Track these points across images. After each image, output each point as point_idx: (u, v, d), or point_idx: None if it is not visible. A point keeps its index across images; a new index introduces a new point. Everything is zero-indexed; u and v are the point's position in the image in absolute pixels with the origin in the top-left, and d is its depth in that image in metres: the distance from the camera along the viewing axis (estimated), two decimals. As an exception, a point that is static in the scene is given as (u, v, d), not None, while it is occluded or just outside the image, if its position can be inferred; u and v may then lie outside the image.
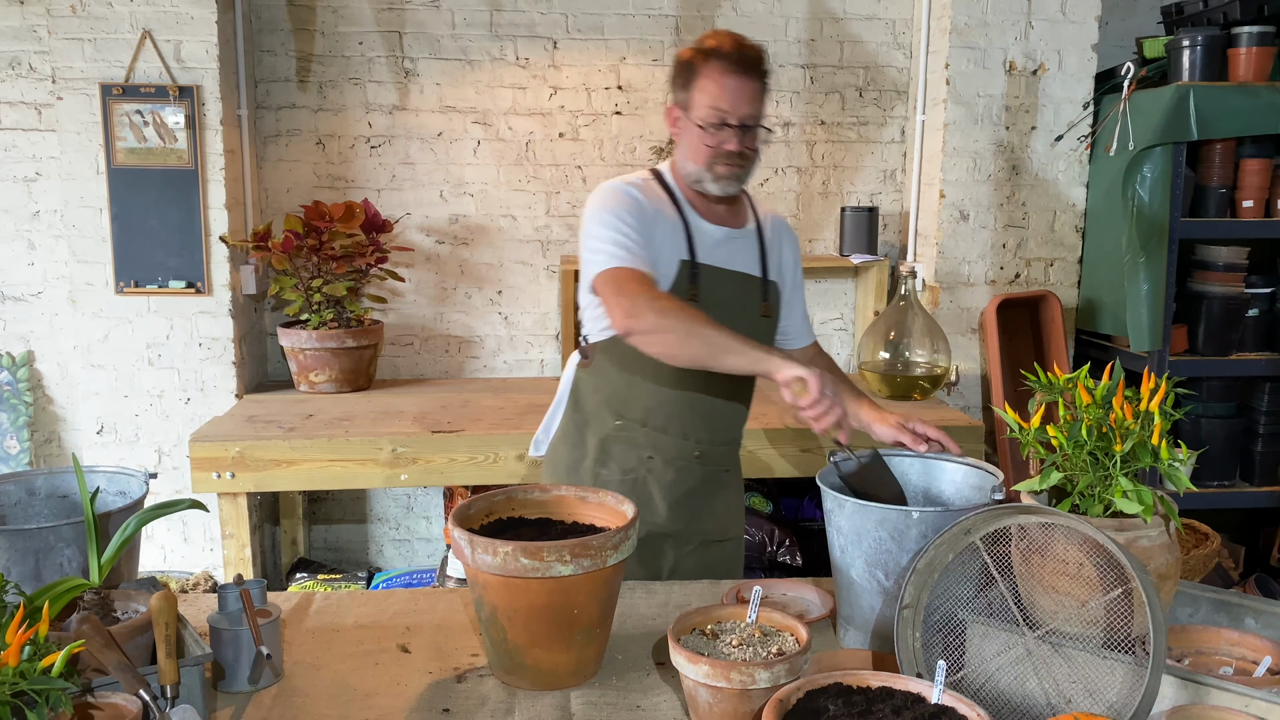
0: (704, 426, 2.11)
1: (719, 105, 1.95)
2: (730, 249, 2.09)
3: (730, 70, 1.95)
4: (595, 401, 2.13)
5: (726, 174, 2.00)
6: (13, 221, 3.63)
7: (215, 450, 3.06)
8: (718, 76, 1.95)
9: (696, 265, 2.02)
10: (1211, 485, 3.50)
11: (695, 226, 2.05)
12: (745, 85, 1.96)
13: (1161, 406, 1.48)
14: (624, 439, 2.10)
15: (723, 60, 1.96)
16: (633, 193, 2.01)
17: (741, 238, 2.11)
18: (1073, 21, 3.58)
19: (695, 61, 1.98)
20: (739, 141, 1.97)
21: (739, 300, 2.08)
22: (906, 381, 3.53)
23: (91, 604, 1.51)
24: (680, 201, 2.06)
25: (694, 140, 1.99)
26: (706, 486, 2.15)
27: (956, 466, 1.85)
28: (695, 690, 1.42)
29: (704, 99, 1.96)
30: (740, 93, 1.96)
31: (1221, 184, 3.37)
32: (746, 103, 1.96)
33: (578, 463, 2.14)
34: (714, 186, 2.02)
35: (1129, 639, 1.37)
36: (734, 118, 1.96)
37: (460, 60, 3.75)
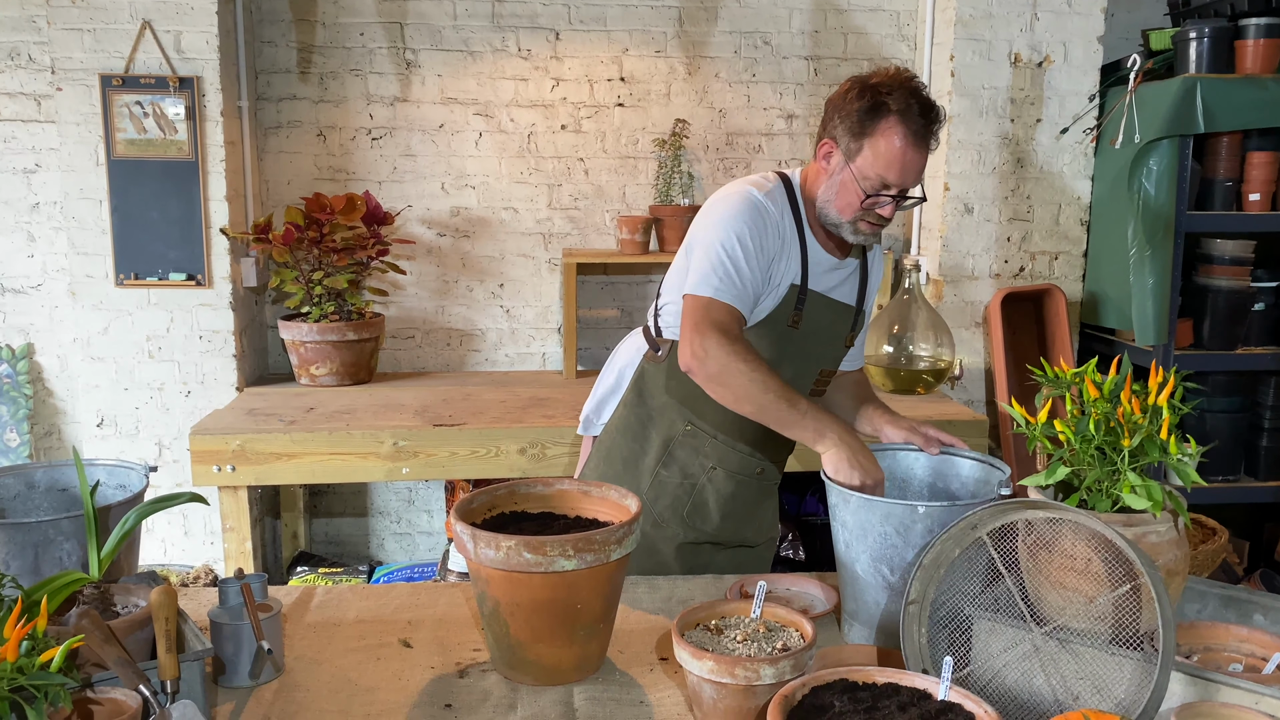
0: (772, 445, 2.07)
1: (888, 176, 1.84)
2: (837, 278, 2.03)
3: (913, 141, 1.82)
4: (664, 400, 2.07)
5: (869, 231, 1.92)
6: (12, 213, 3.62)
7: (216, 443, 3.05)
8: (898, 144, 1.81)
9: (805, 291, 1.97)
10: (1216, 480, 3.48)
11: (812, 251, 1.98)
12: (922, 159, 1.85)
13: (1170, 400, 1.47)
14: (691, 445, 2.06)
15: (908, 126, 1.81)
16: (767, 208, 1.92)
17: (847, 267, 2.05)
18: (1078, 13, 3.56)
19: (877, 113, 1.82)
20: (893, 207, 1.89)
21: (833, 330, 2.05)
22: (910, 375, 3.52)
23: (91, 598, 1.50)
24: (804, 221, 1.98)
25: (847, 193, 1.88)
26: (758, 498, 2.14)
27: (963, 461, 1.84)
28: (699, 686, 1.41)
29: (876, 162, 1.83)
30: (915, 167, 1.85)
31: (1228, 177, 3.35)
32: (915, 175, 1.87)
33: (637, 457, 2.09)
34: (851, 237, 1.94)
35: (1137, 635, 1.36)
36: (897, 189, 1.86)
37: (462, 51, 3.73)
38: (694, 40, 3.80)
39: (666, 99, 3.83)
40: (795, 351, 2.00)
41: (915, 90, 1.84)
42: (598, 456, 2.17)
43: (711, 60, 3.82)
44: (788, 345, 1.98)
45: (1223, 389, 3.51)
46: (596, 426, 2.22)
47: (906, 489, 1.87)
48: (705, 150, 3.87)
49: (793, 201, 1.98)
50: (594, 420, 2.22)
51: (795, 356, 2.00)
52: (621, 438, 2.13)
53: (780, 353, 1.95)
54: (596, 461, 2.17)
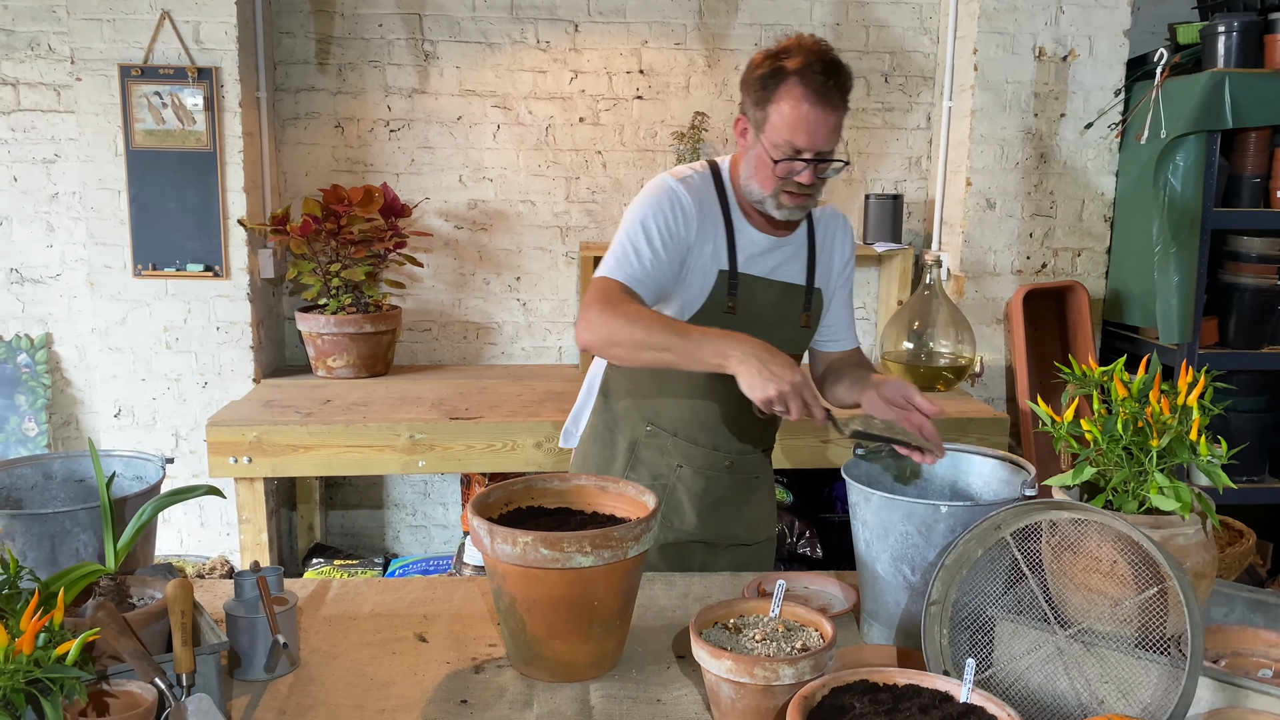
0: (735, 438, 2.05)
1: (794, 140, 1.80)
2: (777, 258, 1.99)
3: (813, 99, 1.78)
4: (626, 403, 2.07)
5: (791, 204, 1.88)
6: (31, 203, 3.63)
7: (232, 435, 3.05)
8: (798, 105, 1.78)
9: (736, 275, 1.94)
10: (1240, 480, 3.44)
11: (740, 233, 1.95)
12: (828, 118, 1.80)
13: (1200, 401, 1.44)
14: (654, 445, 2.05)
15: (807, 86, 1.78)
16: (680, 194, 1.90)
17: (790, 244, 2.00)
18: (1104, 6, 3.51)
19: (776, 78, 1.80)
20: (813, 175, 1.84)
21: (779, 311, 2.00)
22: (930, 372, 3.48)
23: (107, 590, 1.49)
24: (730, 205, 1.95)
25: (763, 165, 1.85)
26: (737, 494, 2.10)
27: (985, 460, 1.81)
28: (717, 685, 1.39)
29: (780, 126, 1.80)
30: (821, 127, 1.80)
31: (1256, 173, 3.30)
32: (825, 136, 1.81)
33: (608, 463, 2.09)
34: (776, 213, 1.90)
35: (1164, 639, 1.34)
36: (810, 152, 1.82)
37: (480, 43, 3.72)
38: (714, 32, 3.77)
39: (686, 92, 3.80)
40: None
41: (815, 50, 1.81)
42: (575, 466, 2.18)
43: (731, 53, 3.79)
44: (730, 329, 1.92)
45: (1248, 388, 3.46)
46: (575, 438, 2.22)
47: (928, 488, 1.85)
48: (724, 144, 3.84)
49: (719, 187, 1.96)
50: (573, 432, 2.22)
51: None
52: (593, 445, 2.13)
53: None
54: (575, 470, 2.16)
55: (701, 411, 2.02)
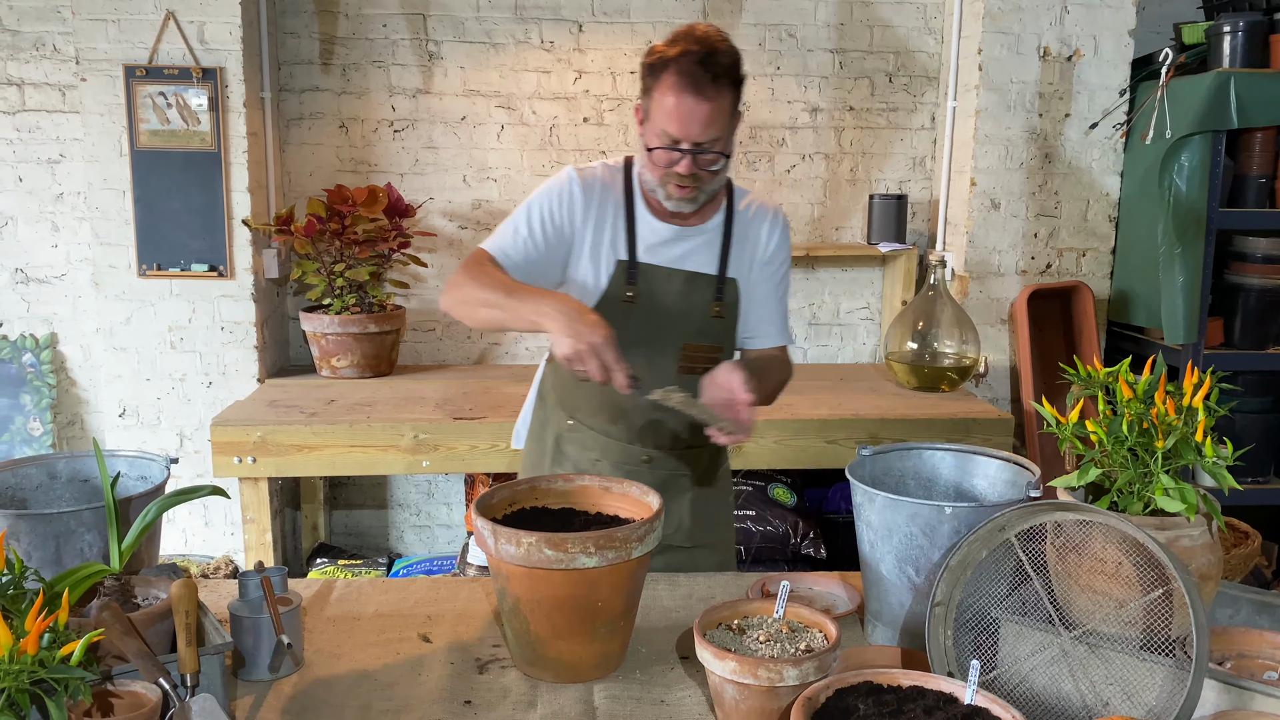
0: (652, 432, 2.02)
1: (669, 130, 1.79)
2: (683, 247, 1.97)
3: (686, 89, 1.75)
4: (554, 398, 2.10)
5: (679, 195, 1.87)
6: (36, 203, 3.64)
7: (237, 435, 3.06)
8: (673, 95, 1.76)
9: (635, 265, 1.93)
10: (1246, 481, 3.43)
11: (642, 223, 1.95)
12: (701, 108, 1.76)
13: (1206, 402, 1.43)
14: (575, 439, 2.06)
15: (681, 74, 1.76)
16: (575, 183, 1.93)
17: (699, 234, 1.97)
18: (1109, 6, 3.51)
19: (658, 68, 1.80)
20: (691, 165, 1.81)
21: (685, 300, 1.97)
22: (934, 372, 3.48)
23: (112, 590, 1.50)
24: (635, 196, 1.96)
25: (648, 155, 1.85)
26: (668, 492, 2.02)
27: (990, 461, 1.81)
28: (721, 686, 1.39)
29: (660, 117, 1.80)
30: (694, 116, 1.77)
31: (1261, 173, 3.29)
32: (701, 126, 1.78)
33: (540, 459, 2.11)
34: (669, 203, 1.90)
35: (1169, 641, 1.33)
36: (686, 143, 1.79)
37: (485, 43, 3.72)
38: (718, 33, 3.76)
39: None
40: (642, 328, 1.93)
41: (696, 37, 1.79)
42: (521, 465, 2.20)
43: (735, 53, 3.78)
44: (630, 321, 1.89)
45: (1253, 389, 3.46)
46: (522, 439, 2.23)
47: (932, 489, 1.84)
48: (728, 144, 3.84)
49: (628, 178, 1.97)
50: (521, 433, 2.23)
51: (644, 334, 1.93)
52: (532, 443, 2.15)
53: (625, 332, 1.81)
54: (522, 470, 2.19)
55: (614, 403, 1.99)
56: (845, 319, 4.01)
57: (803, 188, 3.90)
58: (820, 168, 3.89)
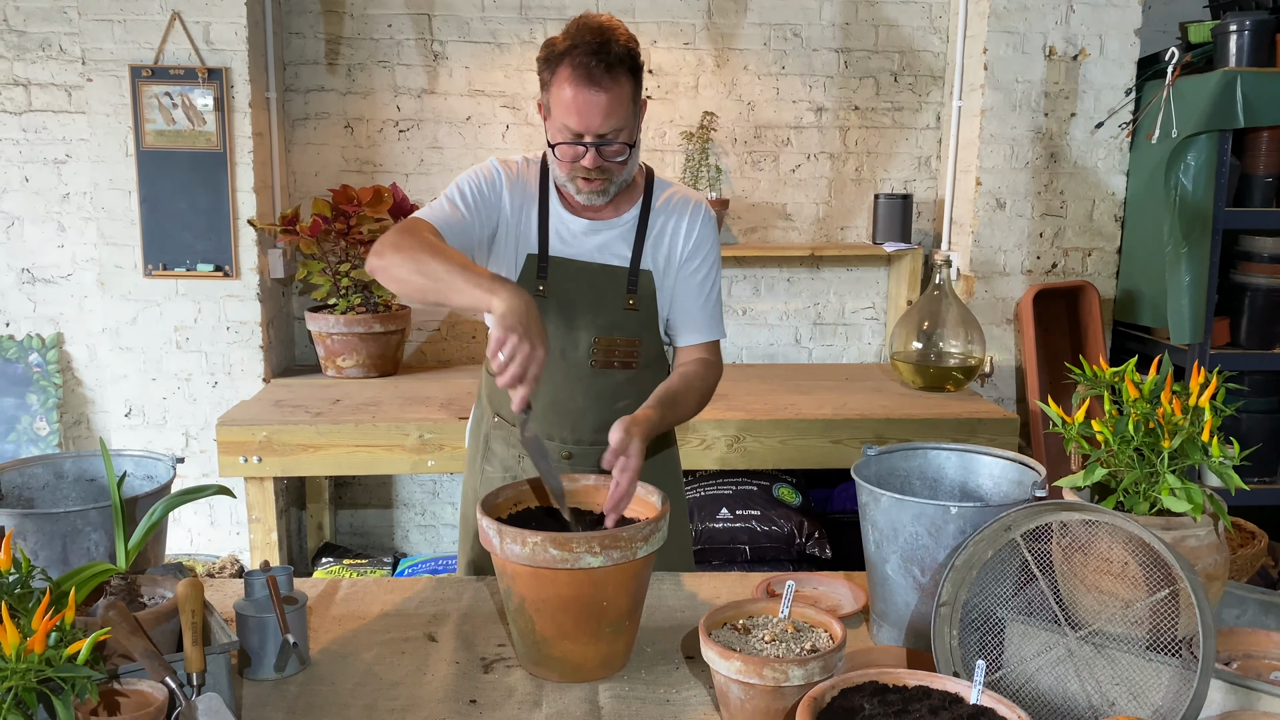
0: (570, 427, 1.99)
1: (569, 124, 1.77)
2: (596, 240, 1.94)
3: (581, 82, 1.73)
4: (484, 396, 2.11)
5: (588, 189, 1.85)
6: (43, 203, 3.65)
7: (242, 434, 3.06)
8: (568, 88, 1.74)
9: (546, 259, 1.92)
10: (1253, 481, 3.43)
11: (555, 217, 1.94)
12: (598, 99, 1.74)
13: (1212, 402, 1.43)
14: (500, 437, 2.06)
15: (574, 67, 1.73)
16: (496, 168, 1.93)
17: (613, 228, 1.94)
18: (1115, 5, 3.50)
19: (552, 61, 1.77)
20: (596, 158, 1.79)
21: (597, 293, 1.94)
22: (939, 372, 3.48)
23: (118, 589, 1.50)
24: (550, 190, 1.95)
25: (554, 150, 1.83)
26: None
27: (995, 461, 1.81)
28: (727, 686, 1.39)
29: (557, 111, 1.78)
30: (593, 108, 1.74)
31: (1268, 173, 3.29)
32: (601, 117, 1.75)
33: (474, 458, 2.11)
34: (580, 197, 1.88)
35: (1175, 641, 1.33)
36: (587, 135, 1.77)
37: (490, 43, 3.72)
38: (723, 32, 3.77)
39: (694, 91, 3.80)
40: (554, 323, 1.91)
41: (590, 27, 1.76)
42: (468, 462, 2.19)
43: (740, 52, 3.79)
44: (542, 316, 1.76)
45: (1260, 389, 3.45)
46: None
47: (937, 489, 1.84)
48: (733, 143, 3.84)
49: (544, 173, 1.95)
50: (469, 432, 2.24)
51: (557, 328, 1.91)
52: (470, 440, 2.16)
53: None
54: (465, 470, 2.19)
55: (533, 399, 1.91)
56: (850, 319, 4.01)
57: (808, 187, 3.89)
58: (825, 167, 3.89)
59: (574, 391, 1.96)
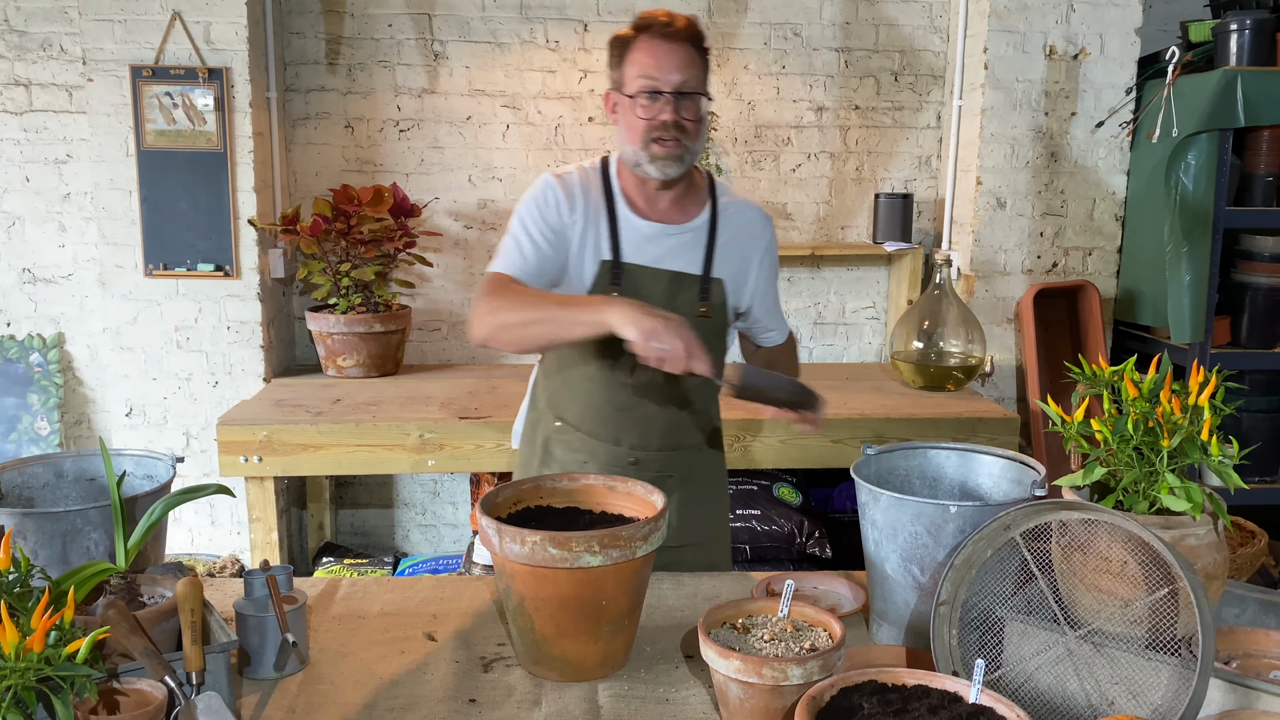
0: (638, 433, 2.02)
1: (649, 73, 1.87)
2: (666, 246, 1.97)
3: (660, 37, 1.88)
4: (543, 400, 2.10)
5: (663, 152, 1.88)
6: (44, 203, 3.65)
7: (243, 434, 3.06)
8: (647, 46, 1.89)
9: (619, 265, 1.94)
10: (1253, 480, 3.42)
11: (624, 222, 1.96)
12: (676, 50, 1.88)
13: (1212, 401, 1.43)
14: (563, 441, 2.06)
15: (651, 30, 1.89)
16: (553, 188, 1.95)
17: (683, 233, 1.98)
18: (1116, 4, 3.50)
19: (626, 37, 1.93)
20: (674, 111, 1.87)
21: (669, 301, 1.95)
22: (940, 372, 3.48)
23: (118, 588, 1.50)
24: (615, 195, 1.97)
25: (629, 116, 1.91)
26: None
27: (994, 460, 1.81)
28: (726, 685, 1.39)
29: (635, 70, 1.89)
30: (672, 57, 1.87)
31: (1269, 172, 3.28)
32: (679, 68, 1.87)
33: (530, 461, 2.11)
34: (652, 168, 1.90)
35: (1174, 640, 1.33)
36: (667, 85, 1.86)
37: (490, 43, 3.72)
38: (723, 31, 3.77)
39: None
40: None
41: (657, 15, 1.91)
42: (515, 467, 2.21)
43: (740, 52, 3.79)
44: None
45: (1260, 388, 3.44)
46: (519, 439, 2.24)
47: (937, 488, 1.84)
48: (734, 143, 3.84)
49: (605, 178, 1.99)
50: (518, 433, 2.24)
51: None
52: (524, 445, 2.17)
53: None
54: (516, 472, 2.20)
55: (600, 404, 2.00)
56: (851, 318, 4.01)
57: (808, 187, 3.89)
58: (825, 167, 3.89)
59: (645, 398, 2.00)
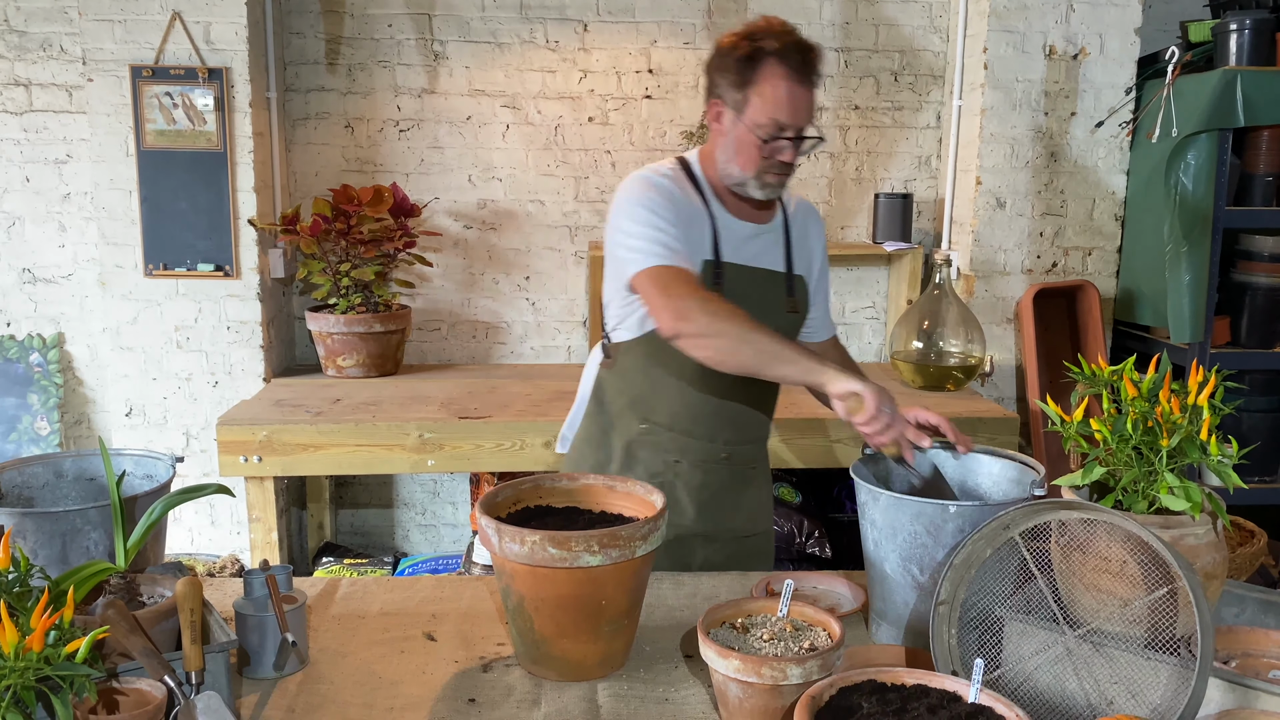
0: (731, 428, 2.06)
1: (781, 118, 1.85)
2: (757, 245, 2.02)
3: (792, 77, 1.85)
4: (620, 404, 2.08)
5: (775, 182, 1.93)
6: (44, 203, 3.65)
7: (242, 434, 3.06)
8: (779, 83, 1.84)
9: (721, 264, 1.96)
10: (1252, 480, 3.42)
11: (722, 223, 1.98)
12: (806, 95, 1.87)
13: (1211, 400, 1.43)
14: (650, 443, 2.05)
15: (785, 65, 1.84)
16: (667, 185, 1.93)
17: (768, 233, 2.04)
18: (1115, 4, 3.50)
19: (754, 59, 1.86)
20: (794, 152, 1.90)
21: (764, 298, 2.01)
22: (940, 372, 3.48)
23: (117, 588, 1.50)
24: (707, 196, 1.98)
25: (745, 146, 1.89)
26: (734, 485, 2.10)
27: (994, 460, 1.81)
28: (725, 685, 1.39)
29: (763, 107, 1.85)
30: (801, 102, 1.86)
31: (1268, 172, 3.28)
32: (806, 113, 1.88)
33: (603, 466, 2.09)
34: (759, 192, 1.94)
35: (1174, 639, 1.33)
36: (793, 130, 1.87)
37: (490, 43, 3.72)
38: (723, 31, 3.76)
39: (695, 91, 3.80)
40: None
41: (787, 31, 1.88)
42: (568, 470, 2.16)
43: (740, 52, 3.78)
44: None
45: (1260, 388, 3.44)
46: (568, 443, 2.23)
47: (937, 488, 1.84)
48: (733, 143, 3.84)
49: (693, 179, 1.98)
50: (568, 437, 2.23)
51: None
52: (587, 448, 2.14)
53: None
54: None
55: (697, 404, 2.02)
56: (850, 318, 4.01)
57: (808, 187, 3.89)
58: (825, 166, 3.89)
59: (742, 395, 2.03)
